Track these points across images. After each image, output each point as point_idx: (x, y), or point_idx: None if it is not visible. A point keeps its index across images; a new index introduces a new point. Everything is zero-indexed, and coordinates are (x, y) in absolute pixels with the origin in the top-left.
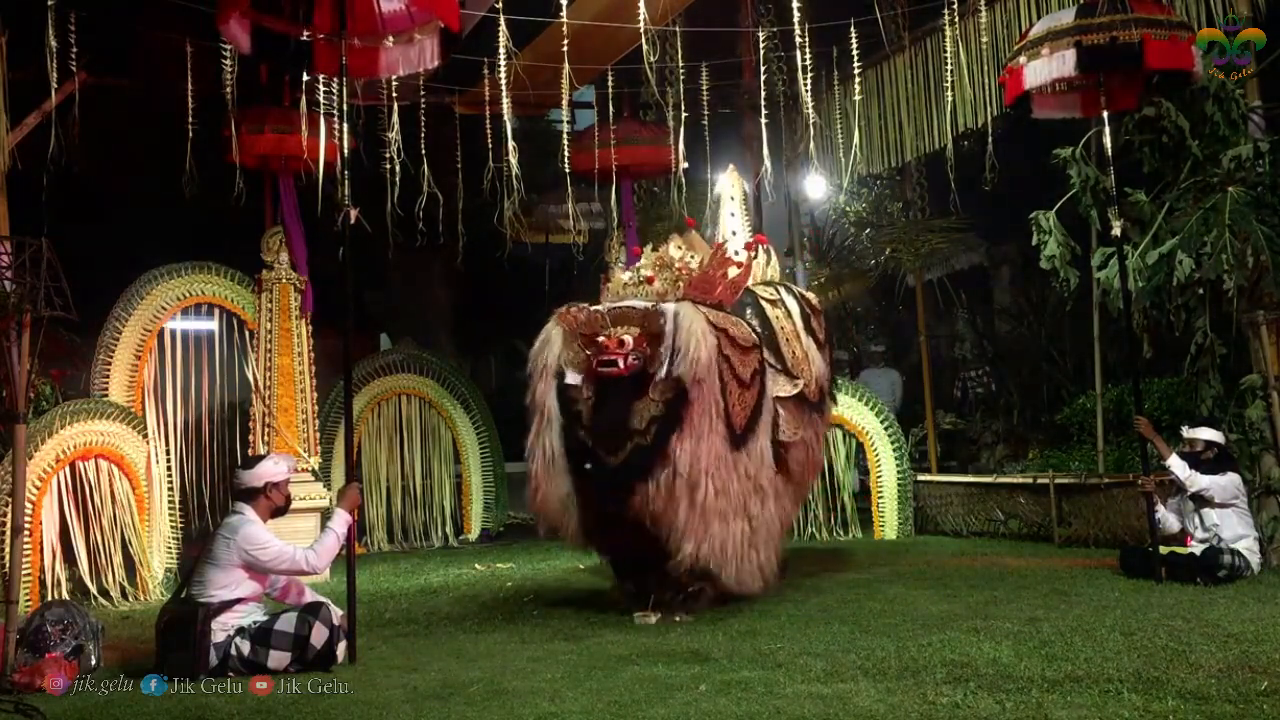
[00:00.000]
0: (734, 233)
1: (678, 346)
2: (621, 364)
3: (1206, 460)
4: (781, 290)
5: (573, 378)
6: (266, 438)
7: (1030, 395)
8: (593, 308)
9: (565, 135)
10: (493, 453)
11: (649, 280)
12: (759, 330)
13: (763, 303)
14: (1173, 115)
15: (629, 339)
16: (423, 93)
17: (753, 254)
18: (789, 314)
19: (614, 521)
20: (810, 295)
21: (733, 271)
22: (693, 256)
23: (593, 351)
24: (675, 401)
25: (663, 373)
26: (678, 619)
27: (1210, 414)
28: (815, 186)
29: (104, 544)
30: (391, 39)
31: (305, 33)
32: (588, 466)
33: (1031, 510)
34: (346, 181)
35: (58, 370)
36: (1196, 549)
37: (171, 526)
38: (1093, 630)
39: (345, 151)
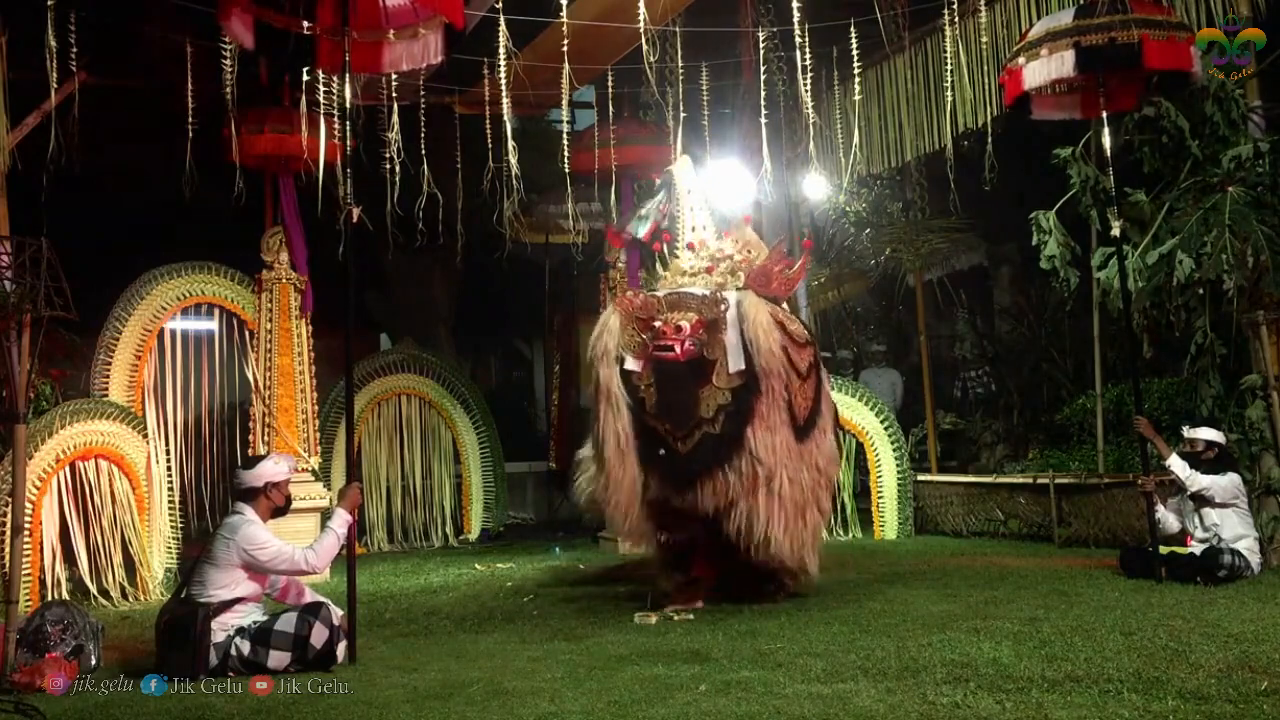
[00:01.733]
0: (702, 226)
1: (747, 337)
2: (678, 349)
3: (1207, 460)
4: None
5: (631, 363)
6: (266, 438)
7: (1030, 395)
8: (649, 293)
9: (565, 135)
10: (493, 453)
11: (708, 270)
12: None
13: None
14: (1173, 115)
15: (686, 324)
16: (423, 93)
17: (807, 254)
18: None
19: (681, 510)
20: (793, 325)
21: (788, 270)
22: (747, 250)
23: (649, 336)
24: (744, 391)
25: (731, 362)
26: (677, 618)
27: (1210, 414)
28: (815, 186)
29: (104, 544)
30: (393, 34)
31: (308, 28)
32: (661, 452)
33: (1031, 510)
34: (349, 181)
35: (58, 370)
36: (1196, 549)
37: (171, 526)
38: (1093, 630)
39: (349, 151)
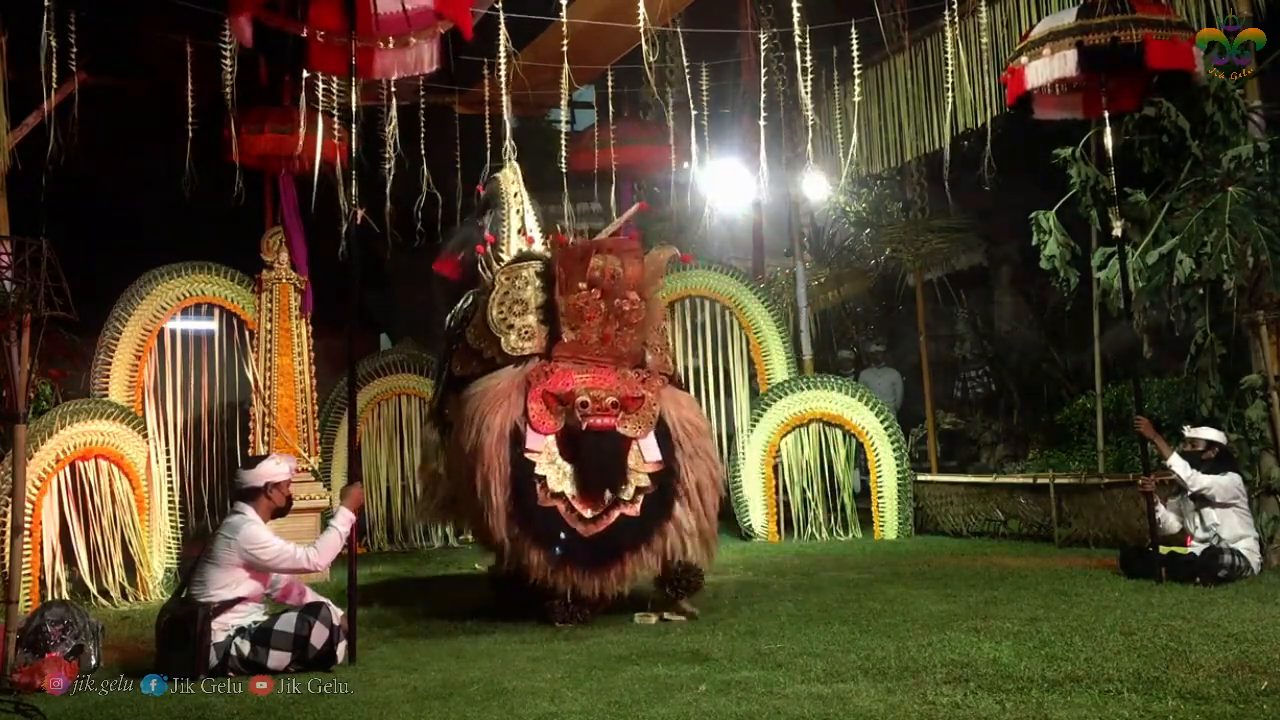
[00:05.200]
0: (520, 230)
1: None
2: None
3: (1207, 460)
4: None
5: (535, 441)
6: (266, 438)
7: (1030, 395)
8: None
9: (564, 135)
10: None
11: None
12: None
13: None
14: (1173, 115)
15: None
16: (423, 93)
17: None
18: None
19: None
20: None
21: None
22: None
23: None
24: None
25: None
26: (681, 618)
27: (1210, 414)
28: (815, 186)
29: (104, 544)
30: (386, 42)
31: (312, 32)
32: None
33: (1031, 510)
34: (353, 182)
35: (58, 370)
36: (1196, 549)
37: (171, 526)
38: (1093, 630)
39: (352, 152)
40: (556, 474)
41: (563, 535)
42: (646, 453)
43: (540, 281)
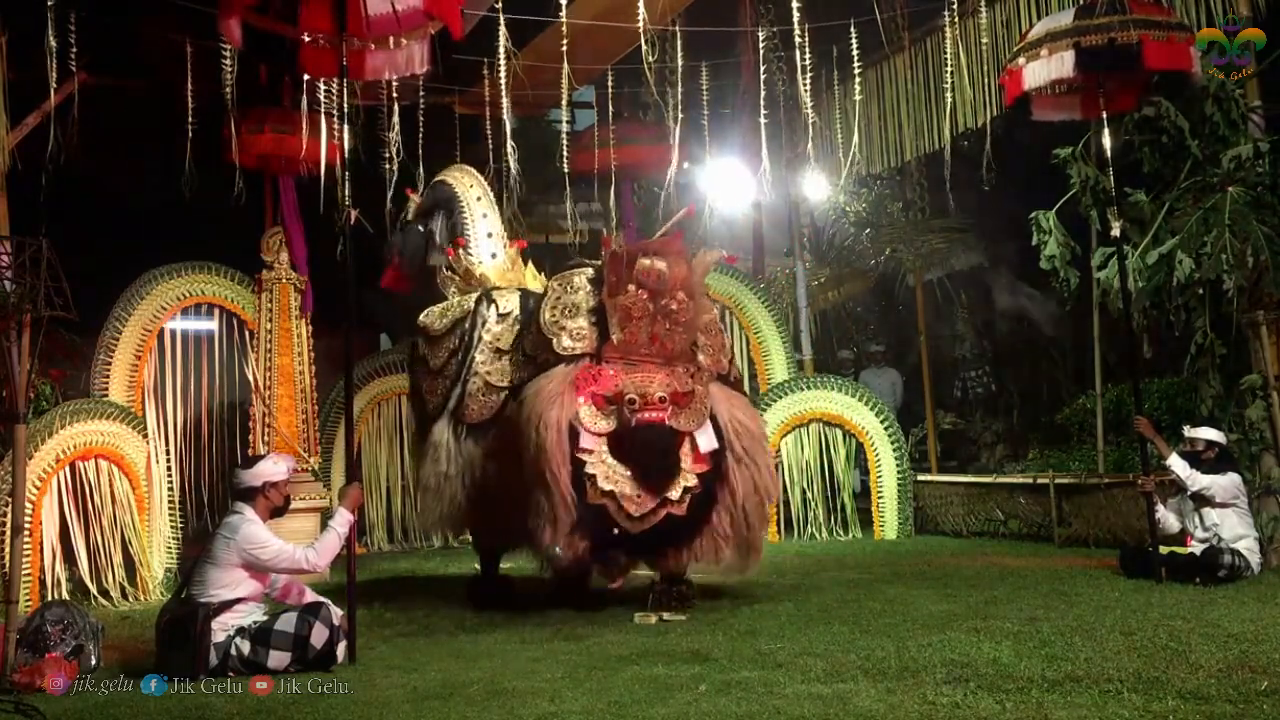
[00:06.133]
0: (489, 234)
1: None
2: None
3: (1207, 460)
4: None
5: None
6: (266, 438)
7: (1030, 395)
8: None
9: (564, 135)
10: None
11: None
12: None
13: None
14: (1172, 115)
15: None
16: (422, 93)
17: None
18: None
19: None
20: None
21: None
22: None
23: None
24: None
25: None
26: (682, 618)
27: (1210, 414)
28: (815, 186)
29: (104, 544)
30: (375, 44)
31: (304, 34)
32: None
33: (1031, 510)
34: (348, 182)
35: (58, 370)
36: (1196, 549)
37: (171, 526)
38: (1093, 630)
39: (348, 153)
40: (606, 472)
41: (614, 531)
42: (703, 443)
43: (590, 286)
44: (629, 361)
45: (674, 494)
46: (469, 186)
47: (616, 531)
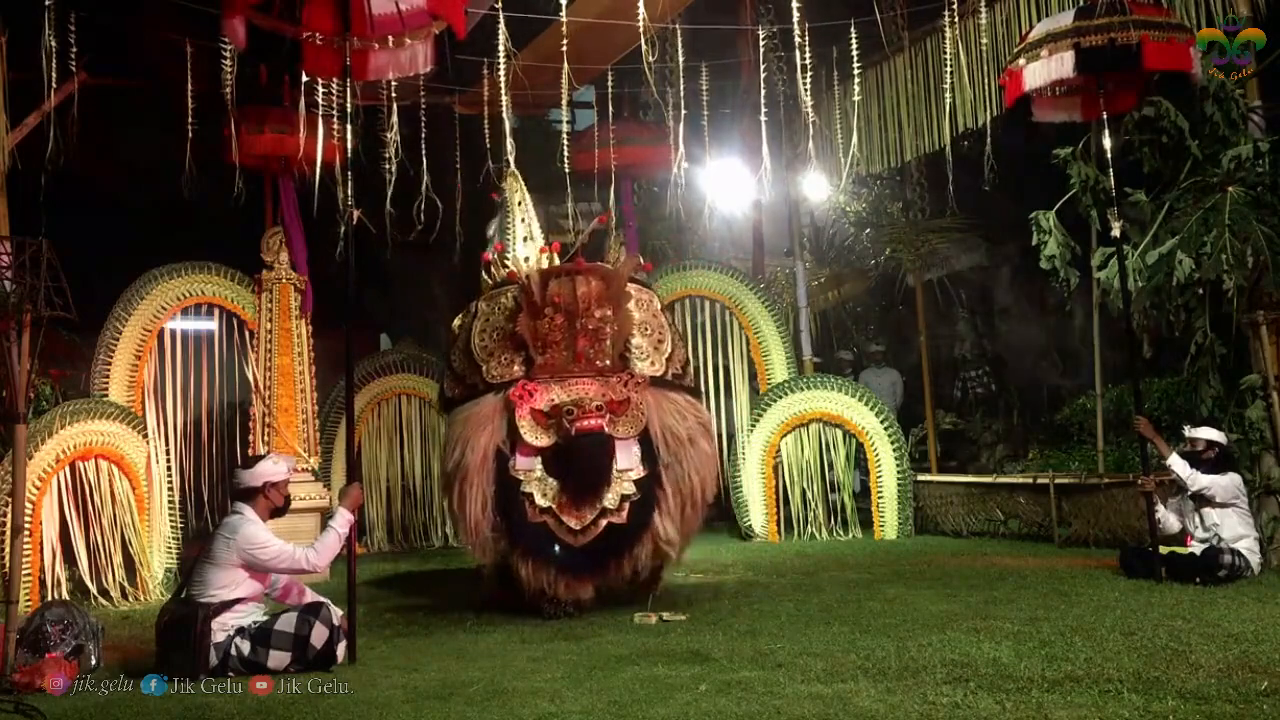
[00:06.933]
0: (525, 237)
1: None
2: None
3: (1207, 460)
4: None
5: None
6: (266, 438)
7: (1030, 395)
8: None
9: (565, 135)
10: None
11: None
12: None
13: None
14: (1172, 115)
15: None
16: (422, 93)
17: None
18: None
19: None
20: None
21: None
22: None
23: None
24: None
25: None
26: (682, 618)
27: (1210, 414)
28: (815, 186)
29: (104, 544)
30: (378, 44)
31: (305, 33)
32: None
33: (1031, 510)
34: (349, 182)
35: (58, 370)
36: (1196, 549)
37: (171, 526)
38: (1093, 630)
39: (349, 152)
40: (543, 490)
41: (555, 549)
42: (622, 461)
43: (516, 307)
44: (559, 378)
45: (610, 502)
46: (514, 192)
47: (558, 549)
